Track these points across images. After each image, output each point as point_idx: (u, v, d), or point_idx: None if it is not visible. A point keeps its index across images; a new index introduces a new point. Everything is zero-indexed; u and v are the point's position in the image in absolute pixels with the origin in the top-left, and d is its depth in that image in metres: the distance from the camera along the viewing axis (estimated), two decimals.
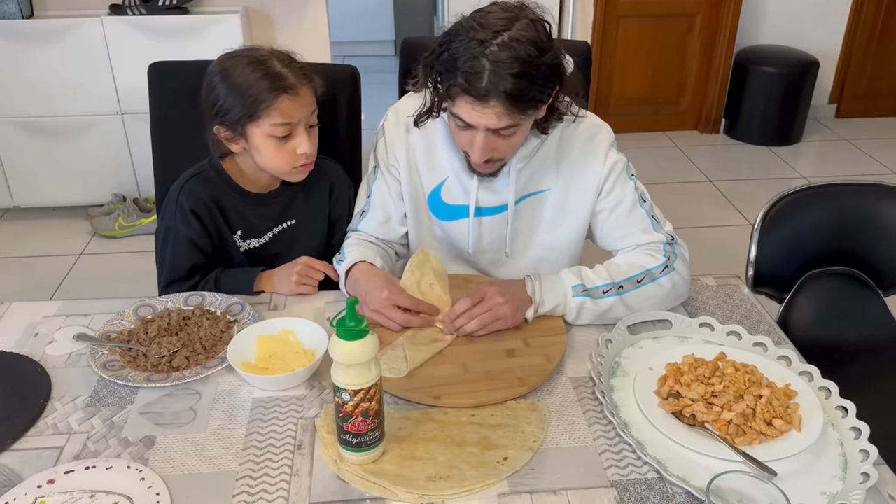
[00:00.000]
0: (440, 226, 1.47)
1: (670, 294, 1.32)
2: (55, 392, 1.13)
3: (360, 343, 0.92)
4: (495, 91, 1.14)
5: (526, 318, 1.26)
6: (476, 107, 1.17)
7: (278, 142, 1.35)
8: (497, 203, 1.41)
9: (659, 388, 1.10)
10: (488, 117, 1.18)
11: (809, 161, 4.01)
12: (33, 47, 2.97)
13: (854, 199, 1.62)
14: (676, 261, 1.33)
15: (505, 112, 1.17)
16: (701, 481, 0.93)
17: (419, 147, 1.42)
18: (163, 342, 1.19)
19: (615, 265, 1.33)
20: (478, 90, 1.14)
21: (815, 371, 1.14)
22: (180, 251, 1.42)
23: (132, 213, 3.14)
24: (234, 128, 1.36)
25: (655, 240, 1.36)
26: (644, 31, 4.07)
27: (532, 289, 1.27)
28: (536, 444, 1.02)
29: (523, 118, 1.21)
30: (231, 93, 1.33)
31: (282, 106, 1.32)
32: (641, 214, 1.38)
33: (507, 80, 1.13)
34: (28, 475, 0.97)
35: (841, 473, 0.97)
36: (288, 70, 1.34)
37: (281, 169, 1.40)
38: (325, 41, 3.24)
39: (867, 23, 4.18)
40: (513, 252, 1.46)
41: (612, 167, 1.37)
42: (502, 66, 1.12)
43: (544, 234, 1.44)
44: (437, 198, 1.44)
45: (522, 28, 1.15)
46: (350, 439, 0.97)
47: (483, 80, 1.13)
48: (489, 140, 1.23)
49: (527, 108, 1.19)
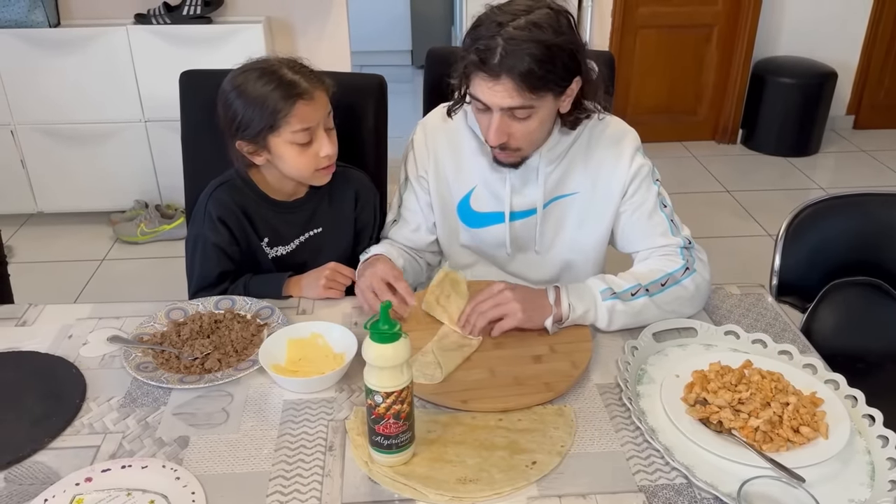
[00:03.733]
0: (469, 233, 1.49)
1: (695, 295, 1.32)
2: (90, 392, 1.15)
3: (393, 346, 0.94)
4: (506, 68, 1.17)
5: (546, 328, 1.25)
6: (488, 83, 1.20)
7: (300, 148, 1.37)
8: (527, 206, 1.43)
9: (686, 395, 1.11)
10: (500, 95, 1.20)
11: (827, 172, 4.00)
12: (59, 55, 3.02)
13: (878, 209, 1.62)
14: (696, 263, 1.34)
15: (516, 90, 1.19)
16: (729, 487, 0.94)
17: (447, 158, 1.45)
18: (195, 344, 1.21)
19: (638, 272, 1.35)
20: (490, 67, 1.18)
21: (841, 379, 1.15)
22: (209, 258, 1.45)
23: (154, 219, 3.18)
24: (255, 141, 1.37)
25: (673, 243, 1.38)
26: (661, 42, 4.09)
27: (554, 297, 1.26)
28: (564, 449, 1.03)
29: (535, 100, 1.22)
30: (248, 107, 1.34)
31: (299, 112, 1.34)
32: (661, 218, 1.39)
33: (519, 57, 1.16)
34: (65, 473, 0.99)
35: (869, 481, 0.98)
36: (299, 76, 1.36)
37: (305, 174, 1.42)
38: (346, 50, 3.28)
39: (885, 34, 4.18)
40: (542, 254, 1.48)
41: (637, 170, 1.39)
42: (514, 43, 1.16)
43: (571, 235, 1.46)
44: (467, 206, 1.46)
45: (542, 15, 1.19)
46: (381, 441, 0.98)
47: (495, 57, 1.17)
48: (504, 122, 1.25)
49: (539, 89, 1.20)
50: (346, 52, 3.28)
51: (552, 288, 1.28)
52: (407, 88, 5.23)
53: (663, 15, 4.02)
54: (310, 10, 3.19)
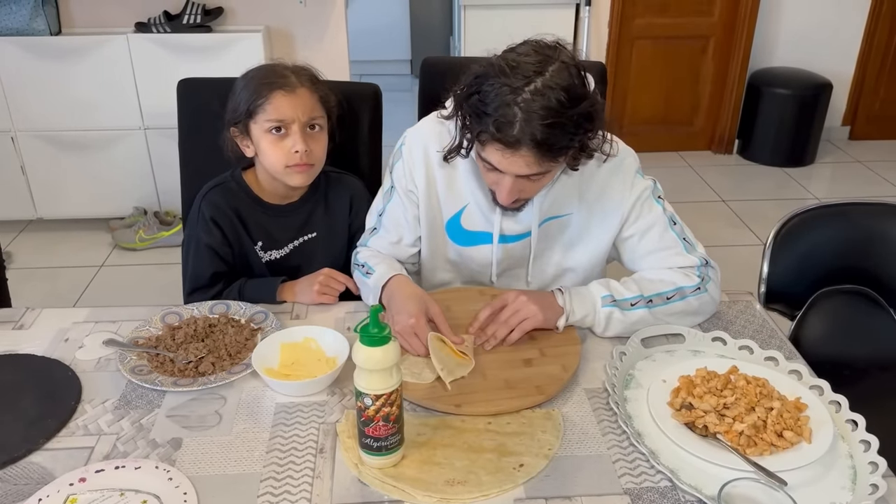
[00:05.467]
0: (457, 250, 1.46)
1: (696, 311, 1.33)
2: (85, 395, 1.16)
3: (382, 349, 0.95)
4: (526, 140, 1.12)
5: (557, 327, 1.28)
6: (506, 154, 1.16)
7: (274, 139, 1.40)
8: (520, 231, 1.41)
9: (672, 400, 1.13)
10: (518, 165, 1.17)
11: (822, 182, 4.02)
12: (60, 63, 3.05)
13: (866, 219, 1.64)
14: (709, 283, 1.33)
15: (535, 160, 1.16)
16: (712, 490, 0.95)
17: (440, 174, 1.40)
18: (189, 348, 1.23)
19: (647, 279, 1.34)
20: (508, 138, 1.13)
21: (825, 385, 1.16)
22: (202, 258, 1.47)
23: (153, 225, 3.20)
24: (238, 126, 1.43)
25: (690, 263, 1.36)
26: (657, 53, 4.12)
27: (562, 299, 1.29)
28: (552, 452, 1.05)
29: (553, 165, 1.20)
30: (240, 92, 1.42)
31: (276, 101, 1.38)
32: (673, 238, 1.37)
33: (539, 129, 1.11)
34: (60, 473, 1.00)
35: (850, 485, 0.99)
36: (290, 72, 1.41)
37: (277, 168, 1.43)
38: (345, 59, 3.30)
39: (880, 45, 4.21)
40: (532, 272, 1.46)
41: (638, 195, 1.37)
42: (534, 116, 1.11)
43: (563, 255, 1.44)
44: (457, 224, 1.43)
45: (555, 73, 1.12)
46: (371, 443, 1.00)
47: (514, 129, 1.12)
48: (517, 184, 1.23)
49: (557, 156, 1.18)
50: (344, 61, 3.30)
51: (557, 291, 1.31)
52: (406, 97, 5.26)
53: (660, 26, 4.05)
54: (309, 19, 3.22)
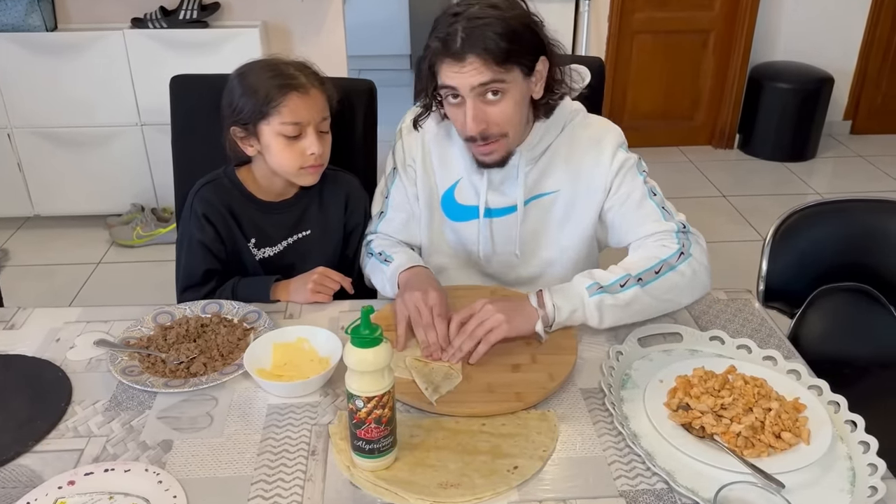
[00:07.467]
0: (452, 227, 1.48)
1: (692, 282, 1.29)
2: (76, 396, 1.15)
3: (373, 351, 0.94)
4: (470, 47, 1.20)
5: (538, 334, 1.22)
6: (455, 67, 1.22)
7: (287, 141, 1.38)
8: (506, 204, 1.42)
9: (669, 400, 1.11)
10: (469, 74, 1.22)
11: (824, 177, 4.00)
12: (56, 59, 3.03)
13: (866, 215, 1.63)
14: (692, 247, 1.31)
15: (484, 65, 1.21)
16: (709, 492, 0.94)
17: (434, 147, 1.45)
18: (181, 348, 1.22)
19: (630, 261, 1.32)
20: (454, 51, 1.21)
21: (824, 385, 1.15)
22: (194, 255, 1.46)
23: (150, 222, 3.19)
24: (247, 128, 1.40)
25: (667, 228, 1.34)
26: (658, 47, 4.09)
27: (537, 301, 1.23)
28: (546, 454, 1.03)
29: (504, 73, 1.23)
30: (245, 92, 1.38)
31: (291, 104, 1.36)
32: (651, 206, 1.37)
33: (481, 35, 1.19)
34: (49, 476, 0.99)
35: (849, 487, 0.98)
36: (299, 72, 1.39)
37: (289, 169, 1.42)
38: (343, 55, 3.29)
39: (882, 39, 4.18)
40: (523, 254, 1.46)
41: (620, 165, 1.38)
42: (474, 21, 1.20)
43: (554, 235, 1.45)
44: (451, 198, 1.46)
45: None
46: (363, 446, 0.99)
47: (457, 40, 1.20)
48: (478, 107, 1.25)
49: (505, 61, 1.22)
50: (342, 56, 3.28)
51: (534, 293, 1.26)
52: (406, 93, 5.24)
53: (660, 20, 4.02)
54: (306, 14, 3.20)
